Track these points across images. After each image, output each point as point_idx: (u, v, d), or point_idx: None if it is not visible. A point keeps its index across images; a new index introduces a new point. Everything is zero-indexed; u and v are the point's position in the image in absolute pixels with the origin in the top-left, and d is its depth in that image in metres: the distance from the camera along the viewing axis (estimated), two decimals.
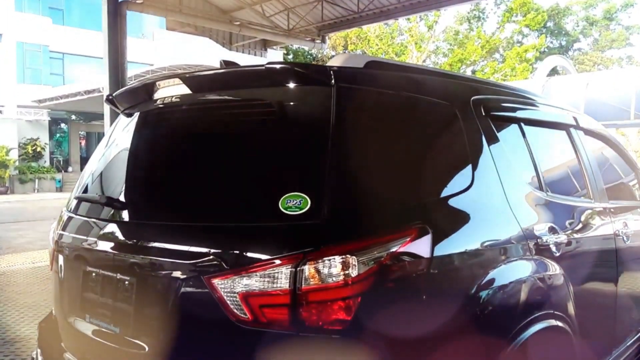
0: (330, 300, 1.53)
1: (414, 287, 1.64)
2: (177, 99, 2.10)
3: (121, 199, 2.16)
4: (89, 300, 2.12)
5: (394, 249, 1.61)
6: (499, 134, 2.27)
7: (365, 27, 26.13)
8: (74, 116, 29.56)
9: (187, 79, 2.06)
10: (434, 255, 1.69)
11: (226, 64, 2.19)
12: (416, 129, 1.98)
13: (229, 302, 1.62)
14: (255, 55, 13.95)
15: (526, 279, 2.05)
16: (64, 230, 2.41)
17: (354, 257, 1.54)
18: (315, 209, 1.59)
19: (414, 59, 30.80)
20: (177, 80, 2.09)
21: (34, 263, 7.93)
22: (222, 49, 13.30)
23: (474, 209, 1.96)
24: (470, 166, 2.03)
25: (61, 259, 2.36)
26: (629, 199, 3.61)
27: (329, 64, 1.90)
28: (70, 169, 29.25)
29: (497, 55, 35.11)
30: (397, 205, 1.76)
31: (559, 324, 2.16)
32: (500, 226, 2.07)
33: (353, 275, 1.53)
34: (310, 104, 1.82)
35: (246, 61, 2.40)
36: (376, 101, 1.87)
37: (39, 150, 27.28)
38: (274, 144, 1.78)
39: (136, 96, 2.32)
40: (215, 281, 1.65)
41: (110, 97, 2.46)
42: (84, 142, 31.67)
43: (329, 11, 12.35)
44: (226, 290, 1.63)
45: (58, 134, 30.62)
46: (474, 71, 32.70)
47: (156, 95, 2.20)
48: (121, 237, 2.06)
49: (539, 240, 2.18)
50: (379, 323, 1.57)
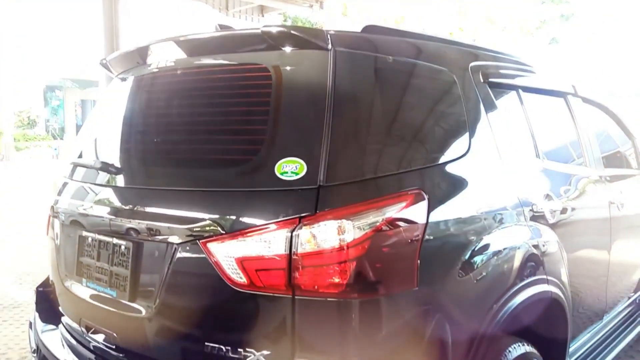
0: (325, 265, 1.54)
1: (409, 252, 1.65)
2: (172, 63, 2.08)
3: (116, 164, 2.15)
4: (85, 265, 2.13)
5: (389, 215, 1.61)
6: (496, 100, 2.26)
7: None
8: (69, 83, 29.25)
9: (182, 42, 2.04)
10: (429, 221, 1.69)
11: (221, 27, 2.16)
12: (413, 94, 1.96)
13: (225, 267, 1.63)
14: (252, 21, 13.72)
15: (520, 245, 2.06)
16: (59, 195, 2.41)
17: (349, 222, 1.55)
18: (312, 174, 1.59)
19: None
20: (171, 44, 2.06)
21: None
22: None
23: (470, 176, 1.96)
24: (467, 133, 2.02)
25: (57, 224, 2.37)
26: (625, 167, 3.62)
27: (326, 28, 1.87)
28: (66, 136, 29.08)
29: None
30: (393, 171, 1.75)
31: (552, 289, 2.19)
32: (495, 193, 2.07)
33: (349, 240, 1.54)
34: (307, 68, 1.79)
35: (243, 26, 2.36)
36: (374, 66, 1.85)
37: (33, 118, 27.07)
38: (270, 108, 1.76)
39: (130, 60, 2.29)
40: (212, 245, 1.65)
41: (104, 61, 2.43)
42: (79, 110, 31.41)
43: None
44: (222, 255, 1.64)
45: (53, 102, 30.32)
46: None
47: (150, 59, 2.18)
48: (117, 201, 2.06)
49: (534, 207, 2.19)
50: (374, 287, 1.58)
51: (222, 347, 1.64)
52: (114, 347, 1.97)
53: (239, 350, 1.62)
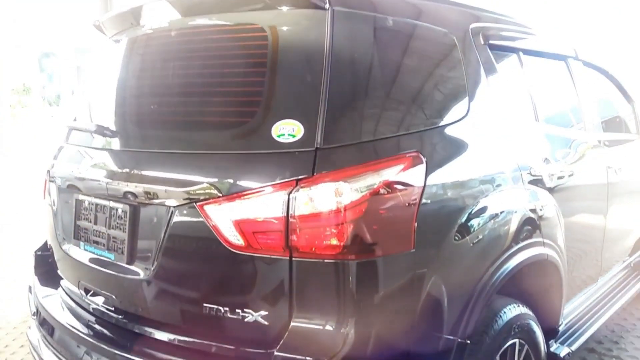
0: (322, 227, 1.54)
1: (406, 214, 1.64)
2: (166, 24, 2.04)
3: (112, 127, 2.13)
4: (82, 228, 2.13)
5: (387, 177, 1.60)
6: (496, 63, 2.23)
7: None
8: (64, 49, 28.85)
9: (177, 2, 2.00)
10: (427, 184, 1.68)
11: None
12: (412, 56, 1.93)
13: (222, 229, 1.63)
14: None
15: (518, 208, 2.06)
16: (55, 159, 2.39)
17: (347, 184, 1.54)
18: (309, 136, 1.58)
19: None
20: (166, 4, 2.02)
21: None
22: None
23: (468, 139, 1.94)
24: (466, 95, 2.00)
25: (54, 187, 2.36)
26: (623, 132, 3.61)
27: None
28: (61, 103, 28.83)
29: None
30: (391, 133, 1.74)
31: (549, 252, 2.20)
32: (494, 156, 2.06)
33: (346, 203, 1.53)
34: (304, 28, 1.76)
35: None
36: (373, 26, 1.82)
37: (28, 85, 26.76)
38: (266, 70, 1.74)
39: (124, 21, 2.25)
40: (209, 208, 1.65)
41: (97, 22, 2.38)
42: (76, 76, 31.05)
43: None
44: (219, 217, 1.63)
45: (48, 68, 29.96)
46: None
47: (144, 20, 2.13)
48: (113, 165, 2.05)
49: (532, 171, 2.19)
50: (371, 249, 1.59)
51: (220, 308, 1.65)
52: (112, 309, 1.99)
53: (236, 311, 1.63)
